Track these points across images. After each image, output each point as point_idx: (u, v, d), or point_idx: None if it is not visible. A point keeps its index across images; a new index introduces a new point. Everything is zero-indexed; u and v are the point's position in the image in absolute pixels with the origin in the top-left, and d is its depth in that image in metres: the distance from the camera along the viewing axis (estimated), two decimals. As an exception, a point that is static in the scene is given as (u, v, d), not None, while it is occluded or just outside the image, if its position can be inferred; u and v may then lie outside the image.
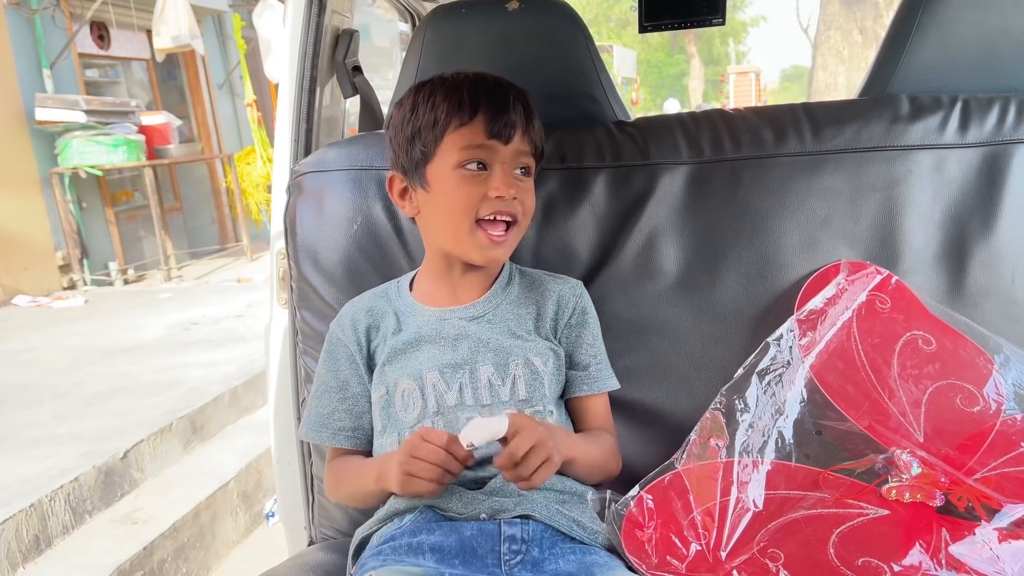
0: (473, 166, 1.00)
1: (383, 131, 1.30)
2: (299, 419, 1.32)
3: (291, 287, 1.27)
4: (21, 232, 6.27)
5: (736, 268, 1.17)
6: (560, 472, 0.99)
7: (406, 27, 2.21)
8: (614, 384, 1.12)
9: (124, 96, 7.56)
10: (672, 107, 22.57)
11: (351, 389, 1.10)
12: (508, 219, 1.01)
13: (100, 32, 7.38)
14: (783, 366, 1.02)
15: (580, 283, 1.15)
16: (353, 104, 1.56)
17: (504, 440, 0.89)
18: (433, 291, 1.11)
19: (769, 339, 1.05)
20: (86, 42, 7.19)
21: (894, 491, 0.93)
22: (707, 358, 1.18)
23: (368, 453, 1.10)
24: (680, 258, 1.19)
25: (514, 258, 1.15)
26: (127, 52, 7.75)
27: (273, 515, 1.61)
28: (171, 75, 8.44)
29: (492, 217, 1.00)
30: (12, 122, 6.26)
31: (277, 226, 1.32)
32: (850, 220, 1.16)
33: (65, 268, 6.64)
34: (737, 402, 1.01)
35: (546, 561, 0.93)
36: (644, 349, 1.19)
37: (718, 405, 1.02)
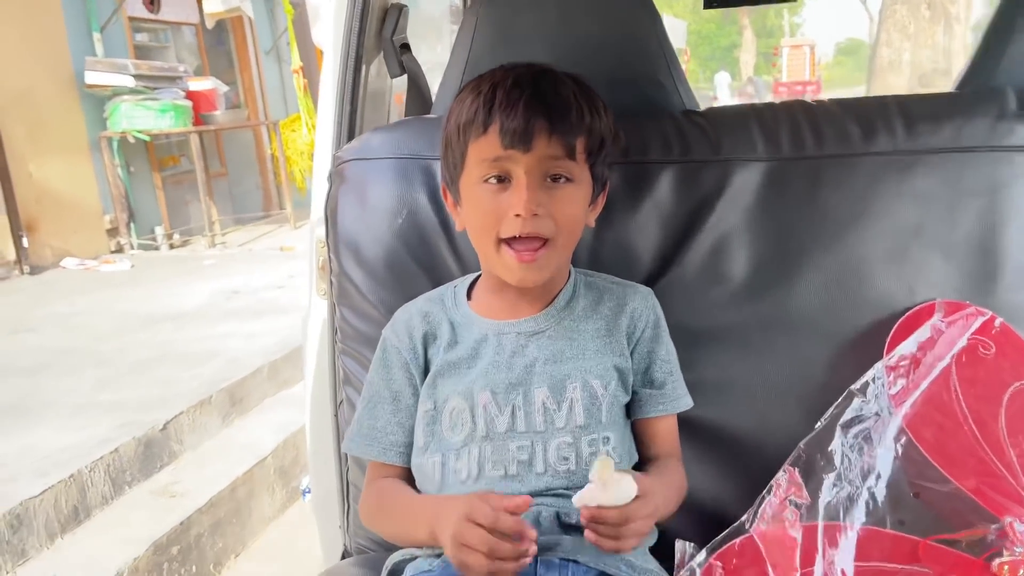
0: (493, 180, 0.92)
1: (431, 116, 1.22)
2: (336, 422, 1.25)
3: (331, 281, 1.20)
4: (70, 195, 6.34)
5: (813, 277, 1.07)
6: None
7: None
8: (688, 402, 1.04)
9: (172, 61, 7.58)
10: (723, 80, 22.08)
11: (404, 400, 1.03)
12: (535, 238, 0.92)
13: (151, -4, 7.38)
14: (872, 418, 0.91)
15: (651, 291, 1.06)
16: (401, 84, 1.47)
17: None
18: (491, 302, 1.03)
19: (853, 387, 0.95)
20: (136, 6, 7.20)
21: (1007, 567, 0.82)
22: (776, 374, 1.08)
23: (410, 470, 1.03)
24: (751, 264, 1.09)
25: (572, 260, 1.07)
26: (176, 16, 7.76)
27: (309, 491, 1.56)
28: (219, 40, 8.43)
29: (516, 236, 0.91)
30: (63, 85, 6.31)
31: (317, 212, 1.25)
32: (945, 228, 1.04)
33: (112, 232, 6.72)
34: (819, 458, 0.90)
35: None
36: (707, 361, 1.10)
37: (796, 461, 0.91)
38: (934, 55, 5.99)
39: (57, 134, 6.24)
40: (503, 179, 0.92)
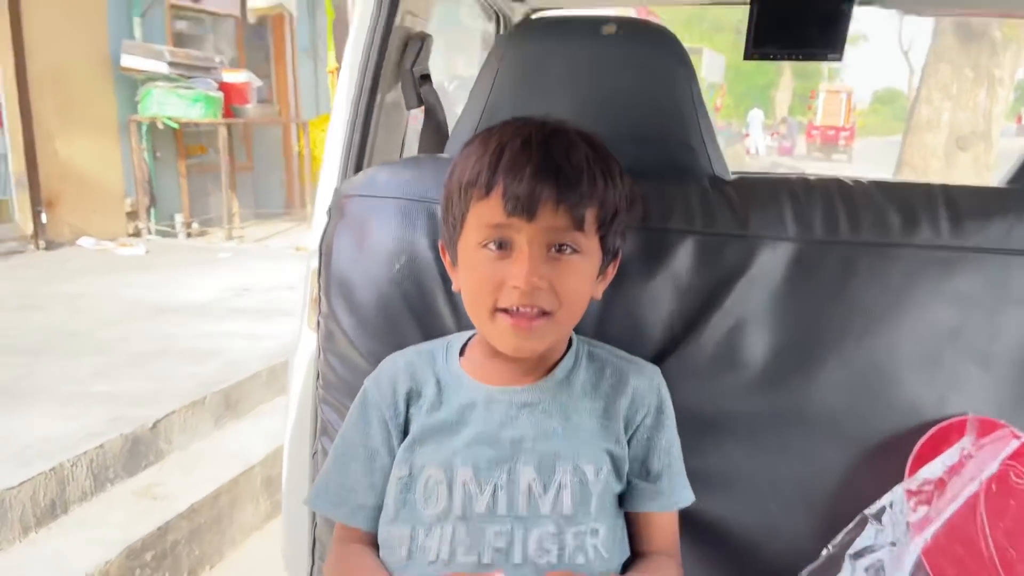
0: (493, 246, 0.85)
1: (444, 156, 1.15)
2: (312, 471, 1.18)
3: (318, 323, 1.13)
4: (94, 175, 6.34)
5: (836, 373, 0.98)
6: None
7: (490, 26, 2.04)
8: (688, 497, 0.95)
9: (210, 51, 7.59)
10: (756, 118, 21.94)
11: (379, 460, 0.95)
12: (532, 311, 0.84)
13: (195, -16, 7.40)
14: (886, 547, 0.82)
15: (658, 371, 0.98)
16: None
17: None
18: (484, 364, 0.95)
19: (868, 512, 0.86)
20: (179, -7, 7.22)
21: None
22: (785, 474, 1.00)
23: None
24: (770, 351, 1.00)
25: (577, 327, 0.99)
26: (218, 7, 7.78)
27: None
28: (258, 35, 8.45)
29: (515, 308, 0.84)
30: (98, 66, 6.32)
31: (315, 242, 1.17)
32: (985, 336, 0.96)
33: (132, 215, 6.71)
34: None
35: None
36: (713, 451, 1.02)
37: None
38: (974, 117, 5.88)
39: (87, 113, 6.24)
40: (504, 246, 0.85)
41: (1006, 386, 0.95)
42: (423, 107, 1.29)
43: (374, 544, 0.95)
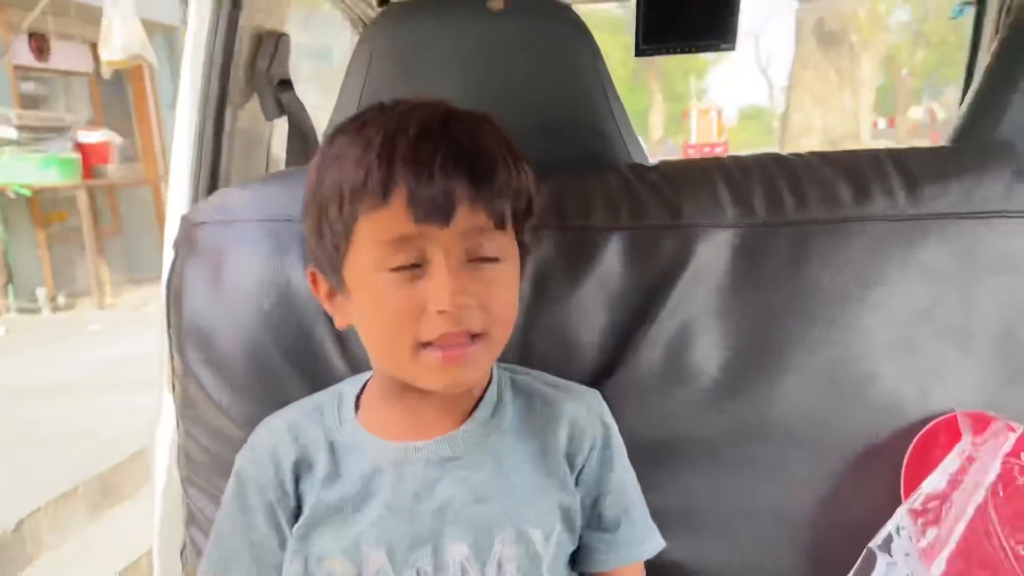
0: (400, 265, 0.66)
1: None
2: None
3: (173, 385, 0.90)
4: (-62, 254, 5.76)
5: (802, 375, 0.84)
6: None
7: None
8: (656, 545, 0.79)
9: (62, 111, 7.10)
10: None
11: (267, 556, 0.74)
12: (465, 337, 0.66)
13: (40, 44, 6.93)
14: (901, 583, 0.68)
15: (597, 395, 0.81)
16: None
17: None
18: (387, 416, 0.76)
19: (873, 544, 0.72)
20: (23, 53, 6.73)
21: None
22: (759, 498, 0.85)
23: None
24: (723, 358, 0.85)
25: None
26: (68, 65, 7.32)
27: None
28: (116, 91, 7.99)
29: (442, 340, 0.65)
30: (-65, 135, 5.78)
31: (160, 298, 0.96)
32: (961, 313, 0.83)
33: (-14, 294, 6.13)
34: None
35: None
36: (670, 483, 0.86)
37: None
38: (844, 119, 6.09)
39: (-73, 187, 5.69)
40: (415, 264, 0.66)
41: (990, 369, 0.83)
42: (285, 116, 1.10)
43: None
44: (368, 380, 0.79)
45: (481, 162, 0.65)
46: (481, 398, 0.76)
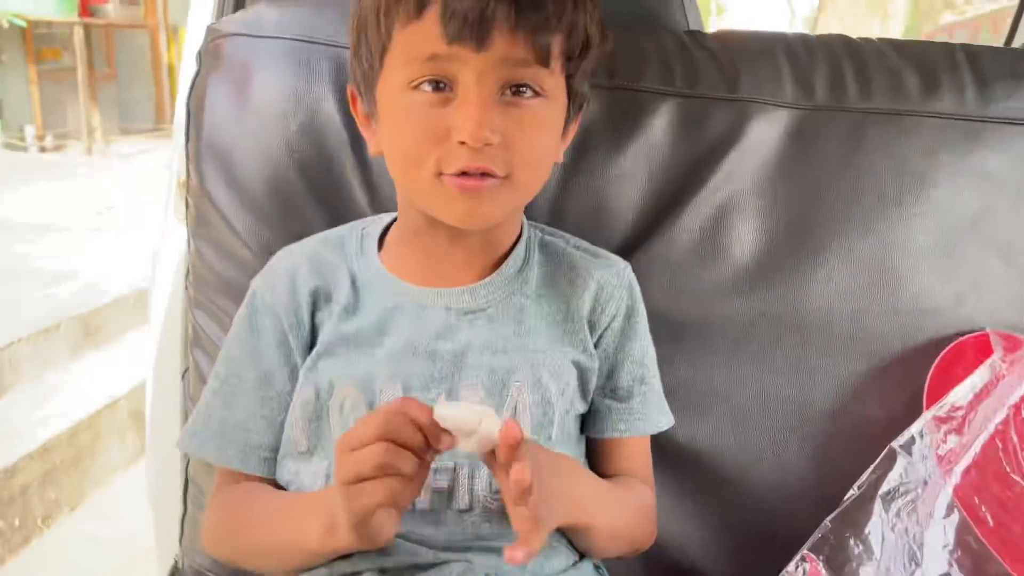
0: (427, 87, 0.62)
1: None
2: (183, 397, 0.92)
3: (186, 203, 0.86)
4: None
5: (838, 266, 0.82)
6: (567, 535, 0.69)
7: None
8: (665, 422, 0.77)
9: (62, -59, 6.76)
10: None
11: (276, 386, 0.72)
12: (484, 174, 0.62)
13: None
14: (919, 486, 0.67)
15: (628, 266, 0.78)
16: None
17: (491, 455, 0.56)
18: (410, 259, 0.73)
19: (895, 444, 0.70)
20: None
21: None
22: (776, 389, 0.84)
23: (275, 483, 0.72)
24: (760, 241, 0.82)
25: (528, 213, 0.77)
26: None
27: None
28: (119, -74, 7.60)
29: (458, 173, 0.62)
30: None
31: (181, 111, 0.90)
32: (1009, 224, 0.81)
33: (-27, 126, 5.98)
34: (853, 543, 0.65)
35: None
36: (688, 362, 0.84)
37: (821, 545, 0.66)
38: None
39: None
40: (442, 86, 0.62)
41: (1029, 283, 0.81)
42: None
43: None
44: (392, 221, 0.76)
45: None
46: (509, 253, 0.73)
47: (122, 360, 2.87)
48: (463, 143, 0.60)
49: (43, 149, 6.27)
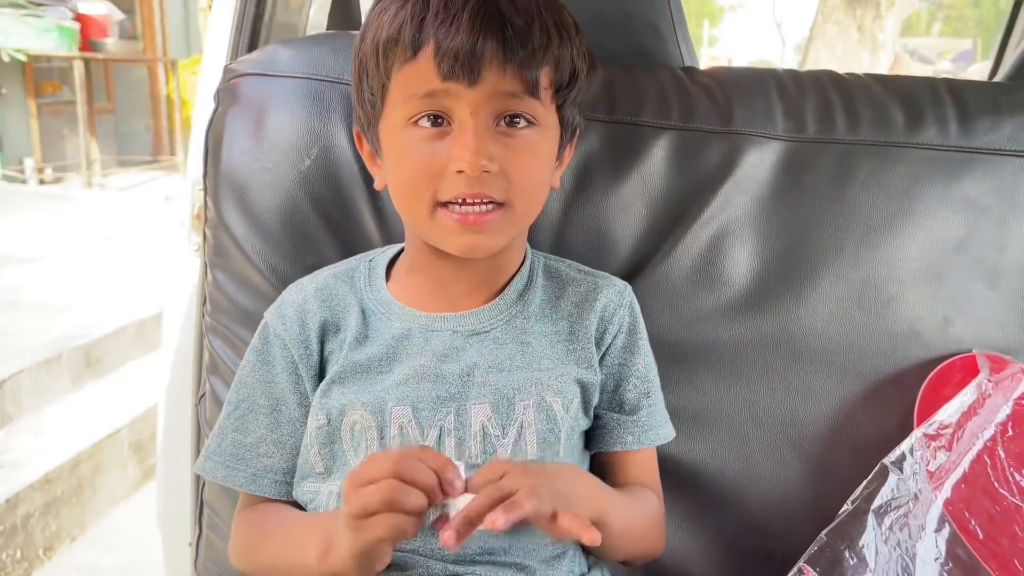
0: (426, 121, 0.66)
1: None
2: (196, 423, 0.95)
3: (204, 234, 0.90)
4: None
5: (830, 291, 0.85)
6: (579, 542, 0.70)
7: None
8: (668, 433, 0.80)
9: (63, -22, 6.84)
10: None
11: (287, 412, 0.75)
12: (481, 203, 0.66)
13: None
14: (910, 501, 0.70)
15: (628, 287, 0.81)
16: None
17: None
18: (417, 287, 0.76)
19: (887, 460, 0.73)
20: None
21: None
22: (773, 408, 0.86)
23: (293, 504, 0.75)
24: (755, 267, 0.86)
25: (532, 241, 0.81)
26: (73, -70, 7.01)
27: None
28: (119, -36, 7.70)
29: (459, 201, 0.66)
30: (-72, -14, 5.56)
31: (197, 145, 0.94)
32: (994, 249, 0.84)
33: (-28, 159, 6.01)
34: (848, 556, 0.68)
35: None
36: (688, 385, 0.87)
37: (817, 557, 0.69)
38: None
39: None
40: (440, 121, 0.66)
41: (1014, 306, 0.85)
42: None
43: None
44: (399, 252, 0.80)
45: (515, 23, 0.64)
46: (512, 279, 0.77)
47: (123, 390, 2.88)
48: (461, 172, 0.64)
49: (42, 181, 6.30)
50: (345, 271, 0.79)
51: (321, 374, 0.75)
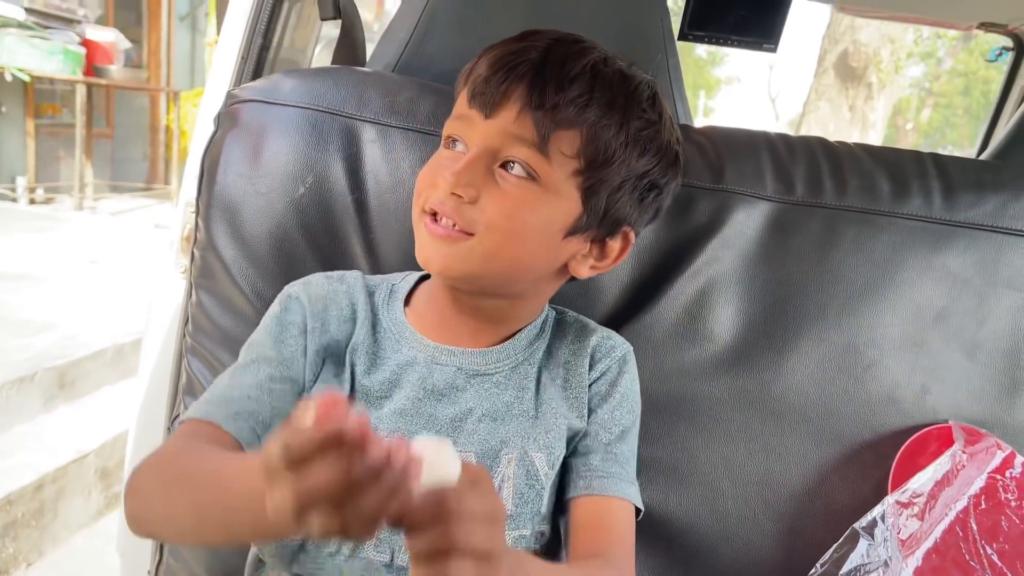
0: (452, 143, 0.71)
1: (365, 69, 0.95)
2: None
3: (192, 255, 0.90)
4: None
5: (811, 353, 0.86)
6: None
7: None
8: (627, 492, 0.74)
9: (75, 3, 6.94)
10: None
11: (292, 371, 0.72)
12: (453, 226, 0.67)
13: (61, -69, 6.76)
14: (880, 568, 0.70)
15: (629, 347, 0.81)
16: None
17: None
18: (429, 317, 0.76)
19: (858, 525, 0.74)
20: (42, -62, 6.56)
21: None
22: (749, 466, 0.86)
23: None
24: (738, 325, 0.87)
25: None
26: (87, -42, 7.13)
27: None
28: (131, -6, 7.82)
29: (432, 212, 0.68)
30: (-61, 2, 5.62)
31: (193, 167, 0.94)
32: (973, 321, 0.85)
33: (-35, 173, 5.99)
34: None
35: None
36: (666, 438, 0.87)
37: None
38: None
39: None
40: (456, 143, 0.70)
41: (991, 378, 0.85)
42: (339, 19, 1.08)
43: None
44: (420, 279, 0.80)
45: (552, 75, 0.65)
46: (525, 328, 0.77)
47: (95, 414, 2.83)
48: (437, 188, 0.67)
49: (32, 201, 6.28)
50: (368, 285, 0.79)
51: (325, 357, 0.74)
